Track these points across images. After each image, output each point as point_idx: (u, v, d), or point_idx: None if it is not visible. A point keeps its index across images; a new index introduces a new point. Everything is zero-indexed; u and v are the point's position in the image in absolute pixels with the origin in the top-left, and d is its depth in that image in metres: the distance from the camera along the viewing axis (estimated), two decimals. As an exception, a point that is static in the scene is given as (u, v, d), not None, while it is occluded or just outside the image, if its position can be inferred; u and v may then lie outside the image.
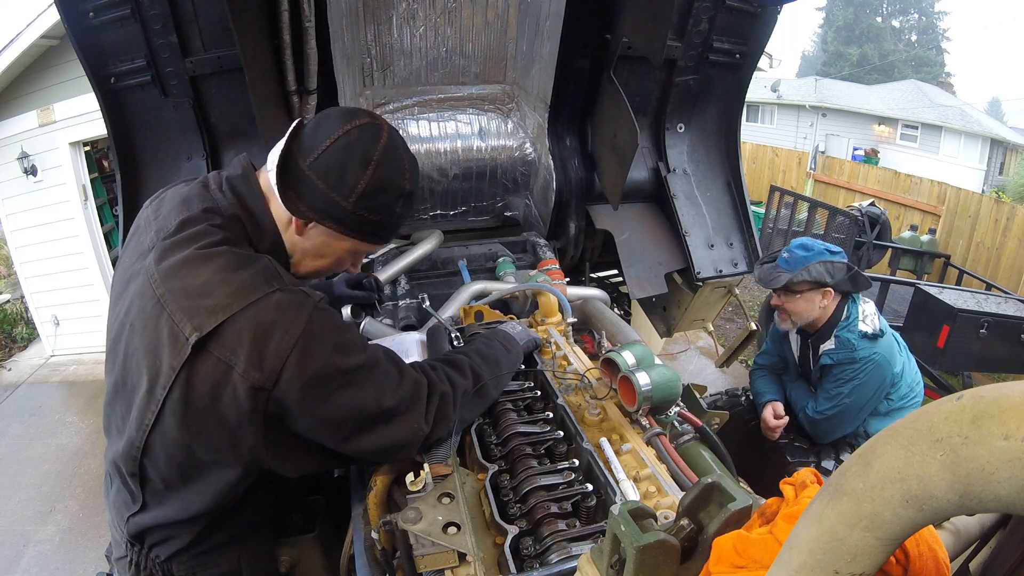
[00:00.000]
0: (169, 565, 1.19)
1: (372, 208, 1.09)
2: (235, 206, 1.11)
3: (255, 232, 1.12)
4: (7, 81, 5.72)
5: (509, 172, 3.03)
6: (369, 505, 1.28)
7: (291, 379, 0.98)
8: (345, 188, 1.05)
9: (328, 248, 1.15)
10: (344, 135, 1.05)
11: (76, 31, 1.95)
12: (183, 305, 0.98)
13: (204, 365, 0.97)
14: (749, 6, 2.44)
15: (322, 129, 1.06)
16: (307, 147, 1.06)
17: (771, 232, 6.77)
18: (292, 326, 0.98)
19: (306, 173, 1.06)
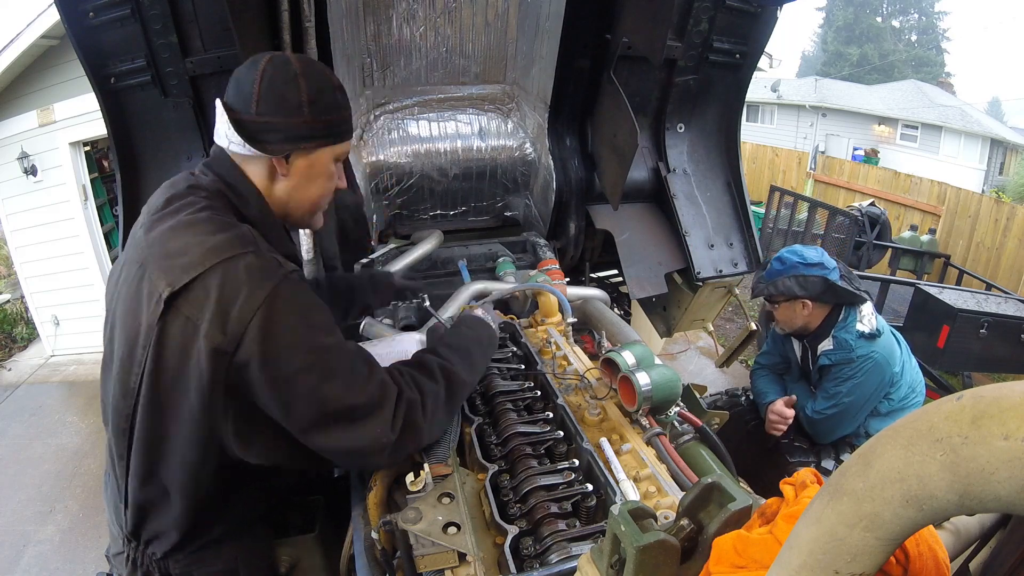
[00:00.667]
0: (166, 563, 1.19)
1: (323, 109, 1.15)
2: (216, 181, 1.16)
3: (239, 200, 1.16)
4: (7, 81, 5.72)
5: (509, 172, 3.03)
6: (369, 505, 1.28)
7: (252, 344, 0.97)
8: (295, 108, 1.12)
9: (314, 168, 1.20)
10: (263, 75, 1.11)
11: (76, 31, 1.95)
12: (161, 265, 1.02)
13: (175, 323, 1.00)
14: (749, 6, 2.44)
15: (243, 84, 1.13)
16: (242, 103, 1.12)
17: (771, 232, 6.77)
18: (258, 289, 0.99)
19: (258, 120, 1.11)
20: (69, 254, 6.29)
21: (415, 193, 2.95)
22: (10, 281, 8.06)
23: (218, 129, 1.15)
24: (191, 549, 1.19)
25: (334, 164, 1.24)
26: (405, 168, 2.87)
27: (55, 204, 6.11)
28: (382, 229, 2.96)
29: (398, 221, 3.05)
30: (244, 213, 1.16)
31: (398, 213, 3.02)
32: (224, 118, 1.12)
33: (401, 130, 2.84)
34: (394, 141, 2.84)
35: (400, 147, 2.85)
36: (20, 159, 5.83)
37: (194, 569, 1.21)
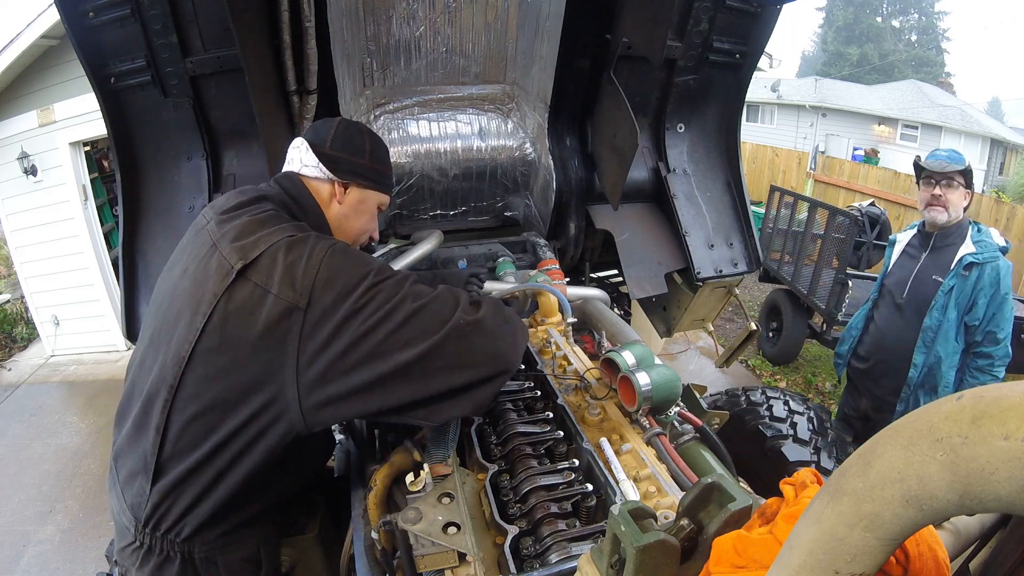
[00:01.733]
0: (190, 545, 1.17)
1: (379, 160, 1.45)
2: (282, 194, 1.34)
3: (300, 211, 1.34)
4: (7, 81, 5.72)
5: (509, 172, 3.03)
6: (369, 505, 1.29)
7: (323, 294, 1.06)
8: (360, 151, 1.41)
9: (363, 204, 1.43)
10: (337, 124, 1.42)
11: (76, 31, 1.95)
12: (234, 245, 1.14)
13: (242, 290, 1.08)
14: (749, 6, 2.44)
15: (320, 129, 1.42)
16: (320, 141, 1.39)
17: (771, 232, 6.76)
18: (317, 250, 1.12)
19: (331, 153, 1.38)
20: (69, 254, 6.29)
21: (415, 193, 2.95)
22: (10, 281, 8.07)
23: (291, 158, 1.40)
24: (219, 532, 1.18)
25: (376, 210, 1.48)
26: (405, 168, 2.87)
27: (55, 204, 6.12)
28: (382, 229, 2.96)
29: (398, 221, 3.05)
30: (303, 222, 1.30)
31: (398, 213, 3.02)
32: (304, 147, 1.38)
33: (401, 130, 2.84)
34: (394, 141, 2.83)
35: (400, 147, 2.85)
36: (20, 159, 5.83)
37: (218, 553, 1.20)
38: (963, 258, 2.54)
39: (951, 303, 2.57)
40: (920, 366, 2.66)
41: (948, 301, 2.58)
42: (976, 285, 2.51)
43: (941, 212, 2.61)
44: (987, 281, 2.50)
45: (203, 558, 1.19)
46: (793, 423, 2.41)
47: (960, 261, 2.54)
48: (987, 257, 2.50)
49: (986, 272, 2.50)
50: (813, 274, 5.70)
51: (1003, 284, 2.50)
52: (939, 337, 2.62)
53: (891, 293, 2.83)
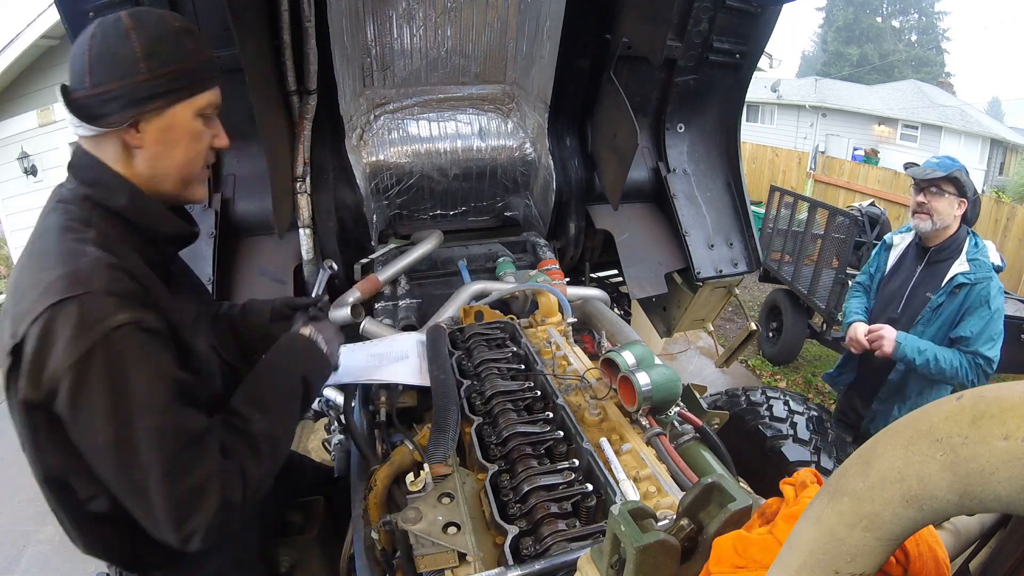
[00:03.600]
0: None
1: (165, 59, 1.01)
2: (78, 186, 1.05)
3: (105, 195, 1.04)
4: (7, 81, 5.73)
5: (509, 172, 3.03)
6: (369, 505, 1.28)
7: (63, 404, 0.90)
8: (128, 68, 0.98)
9: (172, 132, 1.06)
10: (90, 40, 0.99)
11: (76, 31, 1.94)
12: (10, 312, 0.95)
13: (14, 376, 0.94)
14: (749, 6, 2.44)
15: (75, 58, 1.00)
16: (76, 79, 1.00)
17: (771, 232, 6.75)
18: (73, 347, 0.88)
19: (94, 92, 0.99)
20: (69, 254, 6.29)
21: (415, 193, 2.95)
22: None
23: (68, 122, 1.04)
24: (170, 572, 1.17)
25: (200, 121, 1.09)
26: (405, 168, 2.87)
27: (55, 204, 6.12)
28: (382, 229, 2.96)
29: (398, 221, 3.05)
30: (112, 206, 1.04)
31: (398, 213, 3.02)
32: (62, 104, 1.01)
33: (401, 130, 2.84)
34: (394, 141, 2.83)
35: (400, 147, 2.85)
36: (20, 159, 5.84)
37: None
38: (954, 277, 2.47)
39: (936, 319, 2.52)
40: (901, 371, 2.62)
41: (934, 317, 2.52)
42: (964, 303, 2.46)
43: (924, 220, 2.53)
44: (975, 301, 2.43)
45: None
46: (793, 423, 2.41)
47: (952, 280, 2.47)
48: (979, 278, 2.43)
49: (976, 291, 2.43)
50: (813, 274, 5.71)
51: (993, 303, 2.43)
52: None
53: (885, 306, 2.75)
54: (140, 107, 1.00)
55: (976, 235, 2.55)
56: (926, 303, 2.55)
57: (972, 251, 2.49)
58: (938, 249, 2.56)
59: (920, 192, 2.54)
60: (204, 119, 1.10)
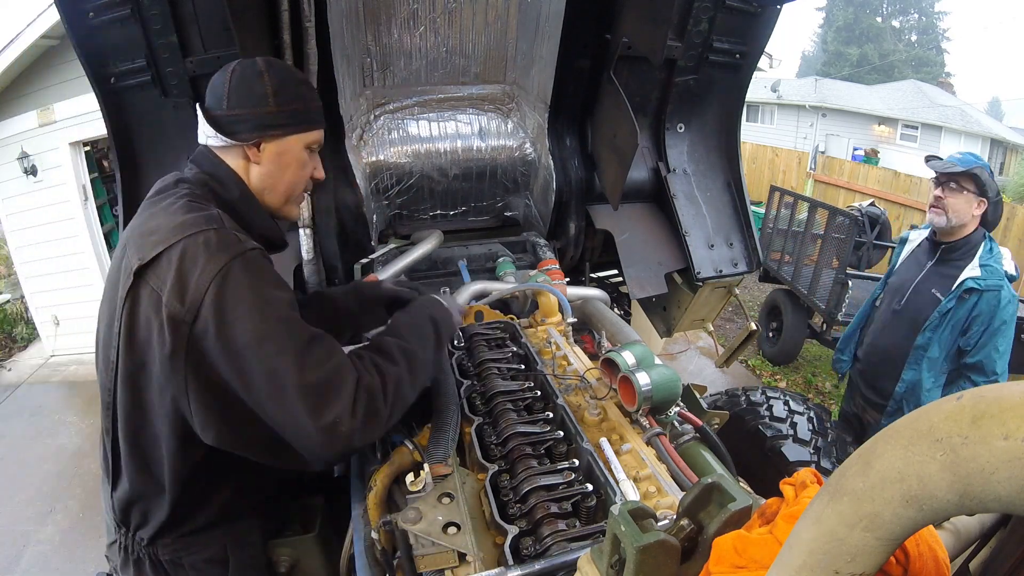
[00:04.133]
0: (154, 548, 1.21)
1: (288, 99, 1.24)
2: (199, 173, 1.25)
3: (219, 186, 1.24)
4: (7, 81, 5.72)
5: (509, 172, 3.03)
6: (369, 505, 1.28)
7: (208, 313, 1.00)
8: (260, 99, 1.22)
9: (284, 156, 1.27)
10: (232, 74, 1.23)
11: (76, 31, 1.95)
12: (137, 242, 1.09)
13: (143, 294, 1.05)
14: (749, 6, 2.43)
15: (216, 87, 1.24)
16: (216, 102, 1.23)
17: (771, 232, 6.75)
18: (214, 261, 1.02)
19: (230, 114, 1.22)
20: (69, 254, 6.29)
21: (415, 193, 2.95)
22: (10, 281, 8.06)
23: (200, 131, 1.26)
24: (178, 534, 1.20)
25: (307, 153, 1.31)
26: (405, 168, 2.87)
27: (55, 204, 6.11)
28: (382, 229, 2.96)
29: (398, 221, 3.05)
30: (225, 197, 1.23)
31: (398, 213, 3.02)
32: (201, 118, 1.24)
33: (401, 130, 2.84)
34: (394, 141, 2.83)
35: (400, 147, 2.85)
36: (20, 159, 5.83)
37: (183, 555, 1.22)
38: (964, 281, 2.38)
39: (946, 325, 2.44)
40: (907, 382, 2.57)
41: (943, 323, 2.45)
42: (972, 311, 2.37)
43: (939, 215, 2.46)
44: (984, 309, 2.35)
45: (168, 560, 1.22)
46: (793, 423, 2.41)
47: (961, 284, 2.39)
48: (989, 285, 2.34)
49: (984, 299, 2.35)
50: (813, 274, 5.71)
51: (1000, 314, 2.34)
52: (926, 361, 2.50)
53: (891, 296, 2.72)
54: (264, 132, 1.24)
55: (992, 240, 2.49)
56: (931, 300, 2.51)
57: (986, 256, 2.42)
58: (951, 247, 2.50)
59: (939, 186, 2.48)
60: (309, 152, 1.32)
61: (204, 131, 1.24)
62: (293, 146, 1.28)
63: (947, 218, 2.46)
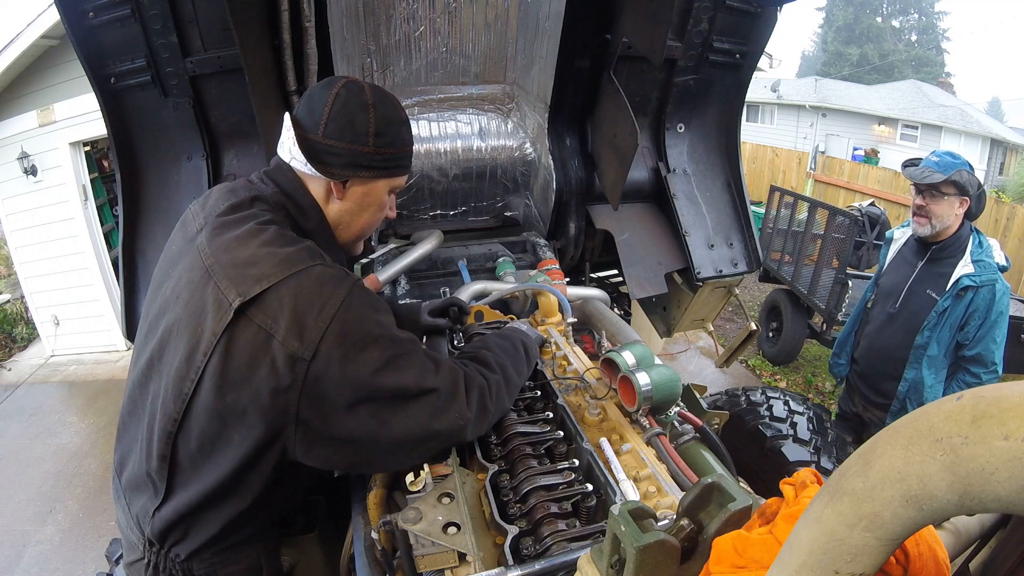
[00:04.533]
0: (189, 564, 1.18)
1: (387, 143, 1.19)
2: (278, 193, 1.20)
3: (299, 213, 1.21)
4: (7, 81, 5.72)
5: (509, 172, 3.03)
6: (369, 505, 1.29)
7: (330, 350, 1.00)
8: (361, 136, 1.16)
9: (368, 197, 1.25)
10: (336, 98, 1.15)
11: (76, 31, 1.95)
12: (230, 274, 1.04)
13: (245, 332, 1.01)
14: (749, 6, 2.44)
15: (315, 104, 1.16)
16: (312, 123, 1.16)
17: (771, 232, 6.76)
18: (332, 297, 1.02)
19: (324, 143, 1.15)
20: (69, 254, 6.29)
21: (415, 193, 2.95)
22: (10, 281, 8.07)
23: (283, 142, 1.20)
24: (218, 549, 1.19)
25: (387, 196, 1.29)
26: (405, 168, 2.87)
27: (55, 204, 6.12)
28: (382, 229, 2.96)
29: (398, 221, 3.06)
30: (303, 226, 1.20)
31: (398, 213, 3.03)
32: (290, 133, 1.16)
33: (401, 130, 2.84)
34: (394, 141, 2.83)
35: (400, 147, 2.84)
36: (20, 159, 5.84)
37: (219, 568, 1.21)
38: (960, 279, 2.41)
39: (944, 323, 2.46)
40: (909, 381, 2.58)
41: (941, 321, 2.47)
42: (970, 306, 2.40)
43: (924, 224, 2.47)
44: (981, 303, 2.38)
45: (204, 574, 1.20)
46: (793, 423, 2.41)
47: (957, 283, 2.42)
48: (984, 280, 2.38)
49: (981, 294, 2.38)
50: (813, 274, 5.71)
51: (996, 306, 2.38)
52: (926, 359, 2.53)
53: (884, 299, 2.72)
54: (356, 171, 1.19)
55: (980, 233, 2.49)
56: (927, 301, 2.51)
57: (976, 251, 2.43)
58: (940, 247, 2.50)
59: (919, 194, 2.47)
60: (390, 194, 1.30)
61: (291, 149, 1.17)
62: (379, 189, 1.25)
63: (931, 225, 2.46)
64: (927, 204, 2.44)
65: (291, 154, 1.18)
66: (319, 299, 1.01)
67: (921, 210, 2.47)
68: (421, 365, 1.09)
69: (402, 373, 1.06)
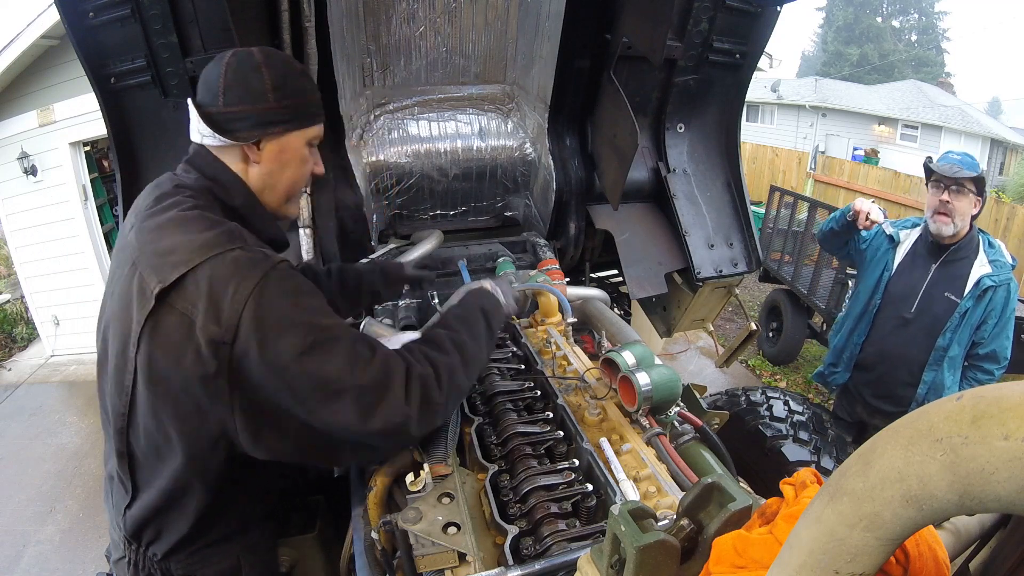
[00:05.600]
0: (167, 564, 1.19)
1: (287, 93, 1.18)
2: (200, 178, 1.19)
3: (223, 191, 1.19)
4: (7, 81, 5.72)
5: (509, 172, 3.03)
6: (369, 505, 1.29)
7: (248, 331, 0.97)
8: (260, 95, 1.15)
9: (285, 154, 1.23)
10: (227, 68, 1.15)
11: (76, 31, 1.95)
12: (152, 262, 1.04)
13: (168, 319, 1.00)
14: (749, 6, 2.44)
15: (210, 80, 1.17)
16: (211, 98, 1.16)
17: (771, 232, 6.76)
18: (247, 279, 1.00)
19: (227, 111, 1.15)
20: (69, 254, 6.29)
21: (415, 193, 2.95)
22: (10, 281, 8.07)
23: (192, 127, 1.19)
24: (193, 548, 1.19)
25: (307, 148, 1.27)
26: (405, 168, 2.87)
27: (55, 204, 6.12)
28: (382, 229, 2.96)
29: (398, 221, 3.05)
30: (230, 204, 1.19)
31: (398, 213, 3.02)
32: (195, 114, 1.16)
33: (401, 130, 2.85)
34: (394, 141, 2.84)
35: (400, 147, 2.85)
36: (20, 159, 5.84)
37: (196, 568, 1.21)
38: (981, 280, 2.42)
39: (964, 324, 2.46)
40: (928, 383, 2.56)
41: (963, 322, 2.46)
42: (988, 305, 2.43)
43: (947, 224, 2.43)
44: (998, 302, 2.42)
45: (182, 574, 1.20)
46: (793, 423, 2.41)
47: (979, 283, 2.42)
48: (1002, 280, 2.41)
49: (999, 293, 2.42)
50: (813, 274, 5.71)
51: (1011, 303, 2.43)
52: (947, 360, 2.51)
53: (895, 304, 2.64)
54: (264, 129, 1.17)
55: (986, 233, 2.53)
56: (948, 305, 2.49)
57: (990, 251, 2.47)
58: (956, 248, 2.49)
59: (944, 190, 2.43)
60: (309, 147, 1.27)
61: (199, 129, 1.17)
62: (294, 143, 1.23)
63: (954, 224, 2.43)
64: (952, 200, 2.40)
65: (200, 133, 1.18)
66: (233, 281, 0.99)
67: (945, 206, 2.42)
68: (349, 353, 1.03)
69: (324, 362, 1.00)
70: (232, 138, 1.16)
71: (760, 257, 2.77)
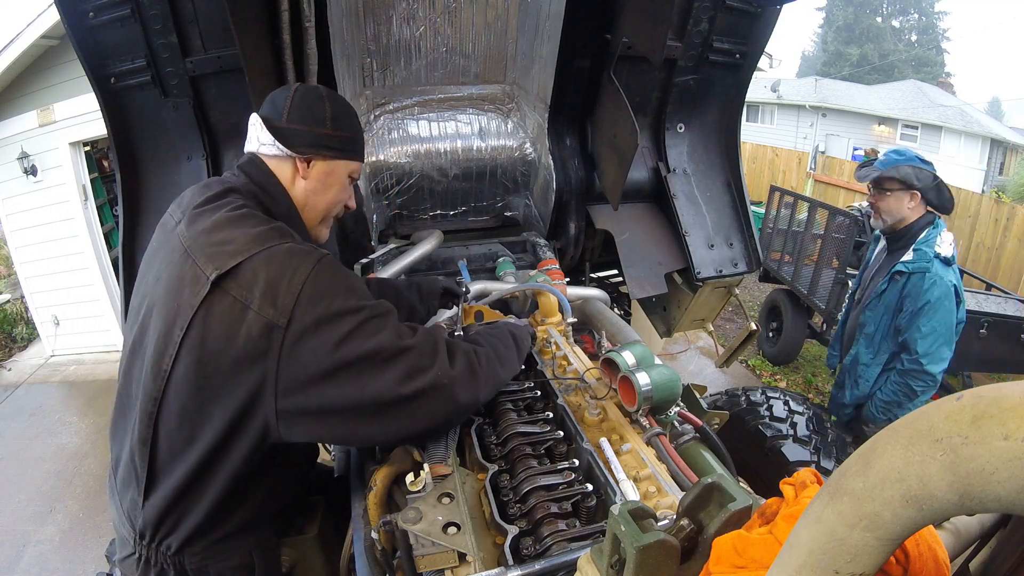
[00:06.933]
0: (180, 557, 1.19)
1: (343, 127, 1.35)
2: (249, 183, 1.30)
3: (269, 199, 1.30)
4: (7, 81, 5.72)
5: (509, 172, 3.03)
6: (369, 505, 1.28)
7: (304, 315, 1.04)
8: (320, 120, 1.32)
9: (331, 176, 1.37)
10: (294, 93, 1.32)
11: (76, 31, 1.95)
12: (207, 252, 1.10)
13: (221, 303, 1.06)
14: (749, 6, 2.44)
15: (277, 100, 1.33)
16: (276, 114, 1.31)
17: (771, 232, 6.75)
18: (303, 265, 1.09)
19: (288, 127, 1.30)
20: (69, 254, 6.29)
21: (415, 193, 2.95)
22: (10, 281, 8.06)
23: (250, 136, 1.33)
24: (208, 541, 1.19)
25: (347, 179, 1.41)
26: (405, 168, 2.87)
27: (55, 204, 6.12)
28: (382, 229, 2.96)
29: (398, 221, 3.06)
30: (273, 211, 1.28)
31: (398, 213, 3.02)
32: (258, 124, 1.30)
33: (401, 130, 2.85)
34: (394, 141, 2.84)
35: (400, 147, 2.85)
36: (20, 159, 5.84)
37: (209, 563, 1.21)
38: (895, 265, 2.58)
39: (880, 304, 2.64)
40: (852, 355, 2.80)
41: (876, 303, 2.65)
42: (903, 292, 2.54)
43: (876, 219, 2.66)
44: (912, 291, 2.50)
45: (195, 569, 1.21)
46: (793, 423, 2.41)
47: (892, 268, 2.59)
48: (915, 268, 2.50)
49: (911, 281, 2.50)
50: (813, 274, 5.71)
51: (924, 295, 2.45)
52: (863, 337, 2.71)
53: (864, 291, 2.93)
54: (318, 150, 1.33)
55: (938, 226, 2.59)
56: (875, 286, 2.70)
57: (921, 241, 2.56)
58: (895, 238, 2.69)
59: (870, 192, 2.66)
60: (349, 180, 1.43)
61: (258, 138, 1.30)
62: (340, 170, 1.38)
63: (883, 220, 2.63)
64: (876, 201, 2.64)
65: (259, 141, 1.30)
66: (290, 268, 1.07)
67: (872, 207, 2.68)
68: (395, 328, 1.13)
69: (377, 335, 1.09)
70: (291, 150, 1.30)
71: (760, 257, 2.78)
